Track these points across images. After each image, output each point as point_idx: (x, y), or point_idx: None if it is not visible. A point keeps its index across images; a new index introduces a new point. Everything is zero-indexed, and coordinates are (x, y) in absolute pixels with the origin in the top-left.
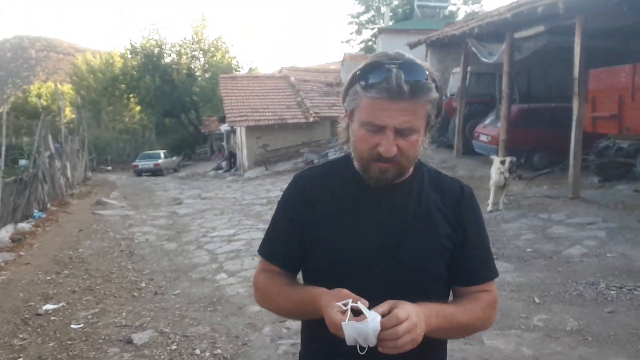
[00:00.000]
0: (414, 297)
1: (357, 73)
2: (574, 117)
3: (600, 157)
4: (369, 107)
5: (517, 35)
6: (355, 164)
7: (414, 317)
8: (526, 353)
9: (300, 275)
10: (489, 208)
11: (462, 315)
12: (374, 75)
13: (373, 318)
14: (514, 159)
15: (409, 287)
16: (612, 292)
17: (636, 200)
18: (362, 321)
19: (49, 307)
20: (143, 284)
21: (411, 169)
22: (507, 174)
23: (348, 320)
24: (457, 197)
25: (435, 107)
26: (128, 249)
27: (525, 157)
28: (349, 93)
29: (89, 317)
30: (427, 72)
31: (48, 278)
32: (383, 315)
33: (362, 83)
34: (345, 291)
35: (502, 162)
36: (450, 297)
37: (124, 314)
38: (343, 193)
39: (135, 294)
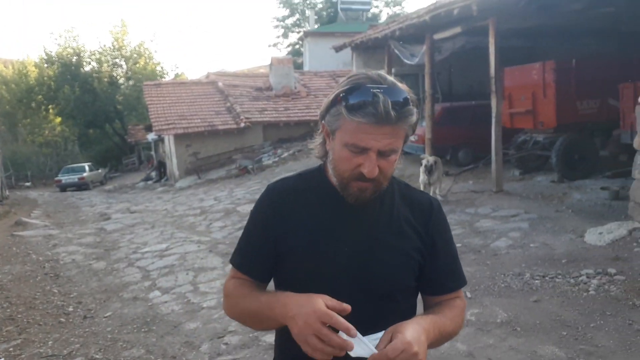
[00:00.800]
0: (384, 307)
1: (341, 95)
2: (493, 114)
3: (519, 151)
4: (353, 130)
5: (437, 36)
6: (334, 180)
7: (415, 345)
8: (460, 349)
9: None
10: None
11: (450, 325)
12: (359, 99)
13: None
14: (431, 161)
15: (380, 298)
16: (536, 281)
17: (553, 190)
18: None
19: None
20: (71, 308)
21: None
22: (427, 174)
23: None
24: (426, 211)
25: (412, 128)
26: (53, 271)
27: (450, 153)
28: (330, 112)
29: (11, 349)
30: (408, 96)
31: None
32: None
33: (347, 106)
34: (325, 299)
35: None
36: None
37: (50, 342)
38: (317, 206)
39: (63, 319)
